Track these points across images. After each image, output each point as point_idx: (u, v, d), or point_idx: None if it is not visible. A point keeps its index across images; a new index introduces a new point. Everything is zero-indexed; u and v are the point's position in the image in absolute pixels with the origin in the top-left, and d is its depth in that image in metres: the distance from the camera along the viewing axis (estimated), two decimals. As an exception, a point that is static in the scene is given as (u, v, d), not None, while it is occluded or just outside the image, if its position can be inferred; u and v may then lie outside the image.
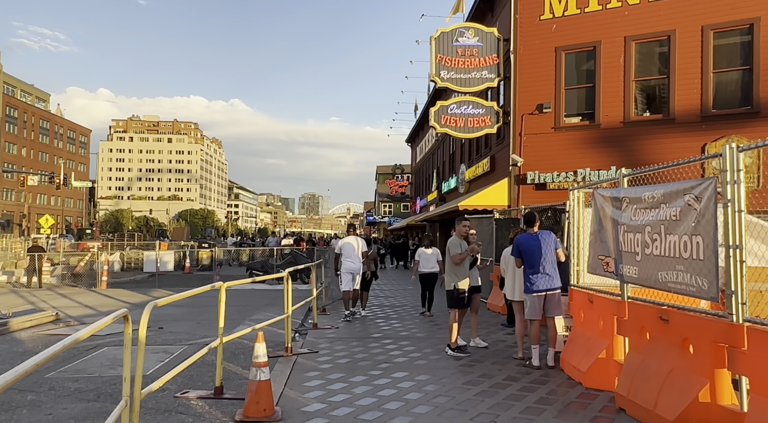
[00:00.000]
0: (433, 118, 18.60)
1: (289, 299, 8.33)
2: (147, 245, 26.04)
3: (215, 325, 11.55)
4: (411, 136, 48.25)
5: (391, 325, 11.09)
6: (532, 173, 17.42)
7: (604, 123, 16.66)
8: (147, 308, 4.16)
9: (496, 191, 18.41)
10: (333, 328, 10.66)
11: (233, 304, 14.04)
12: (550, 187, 17.19)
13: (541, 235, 7.52)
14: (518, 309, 8.01)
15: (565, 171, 17.00)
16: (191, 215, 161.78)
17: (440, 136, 33.28)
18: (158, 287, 18.96)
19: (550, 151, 17.38)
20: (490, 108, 18.57)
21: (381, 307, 13.83)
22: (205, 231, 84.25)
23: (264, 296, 16.38)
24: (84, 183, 59.94)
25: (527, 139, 17.69)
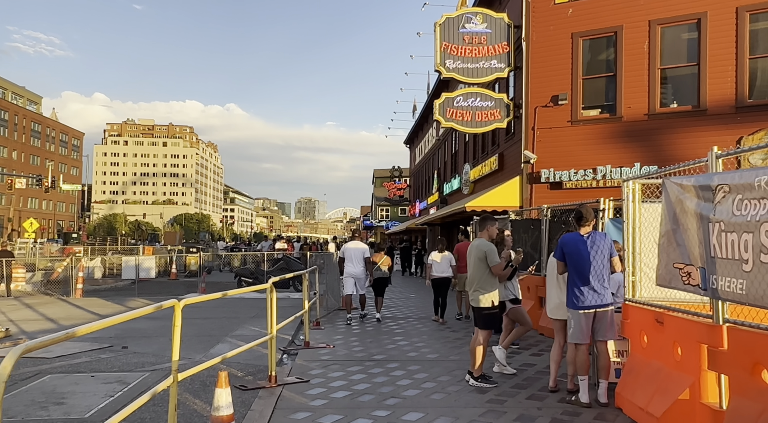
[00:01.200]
0: (438, 111, 17.09)
1: (274, 316, 6.77)
2: (130, 250, 24.45)
3: (194, 341, 10.09)
4: (409, 137, 46.77)
5: (395, 343, 9.53)
6: (547, 171, 15.92)
7: (627, 116, 15.17)
8: (9, 357, 2.55)
9: (507, 191, 16.89)
10: (328, 347, 9.09)
11: (217, 317, 12.47)
12: (566, 186, 15.68)
13: (594, 237, 5.98)
14: (558, 328, 6.47)
15: (583, 168, 15.50)
16: (186, 220, 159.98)
17: (441, 136, 31.79)
18: (138, 296, 17.38)
19: (566, 147, 15.88)
20: (500, 100, 17.07)
21: (383, 320, 12.27)
22: (198, 235, 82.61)
23: (253, 306, 14.81)
24: (73, 186, 58.22)
25: (541, 134, 16.19)
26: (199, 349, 8.86)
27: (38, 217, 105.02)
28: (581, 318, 5.84)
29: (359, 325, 11.65)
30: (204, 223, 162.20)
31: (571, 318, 5.93)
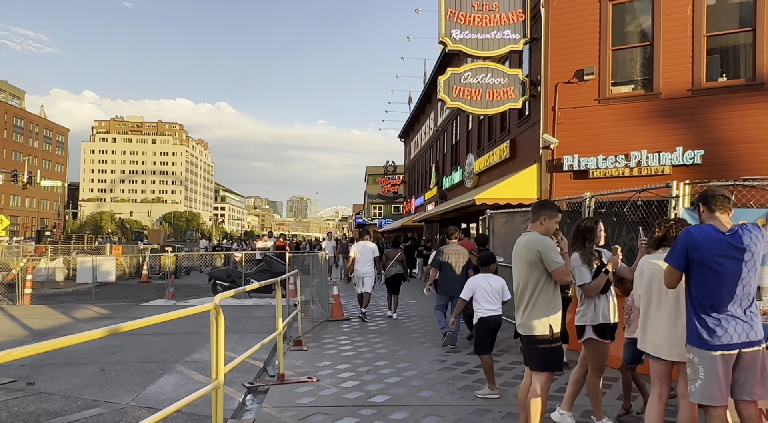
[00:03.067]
0: (443, 89, 14.78)
1: (220, 354, 4.42)
2: (97, 250, 22.09)
3: (132, 371, 6.97)
4: (404, 130, 44.46)
5: (400, 373, 7.22)
6: (570, 158, 13.68)
7: (666, 92, 12.94)
8: None
9: (522, 181, 14.63)
10: (310, 381, 6.76)
11: (176, 331, 10.12)
12: (593, 175, 13.45)
13: (744, 234, 3.61)
14: (662, 375, 4.13)
15: (613, 154, 13.26)
16: (175, 218, 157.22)
17: (440, 126, 29.51)
18: (95, 302, 14.98)
19: (592, 130, 13.64)
20: (514, 77, 14.78)
21: (380, 338, 9.95)
22: (185, 233, 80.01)
23: (229, 314, 12.39)
24: (53, 182, 55.55)
25: (563, 114, 13.93)
26: (134, 386, 6.53)
27: (21, 215, 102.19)
28: (718, 364, 3.55)
29: (353, 342, 9.35)
30: (194, 221, 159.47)
31: (698, 364, 3.63)
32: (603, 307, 4.92)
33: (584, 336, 4.94)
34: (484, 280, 6.63)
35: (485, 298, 6.45)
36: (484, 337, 6.37)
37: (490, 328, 6.42)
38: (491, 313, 6.43)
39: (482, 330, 6.39)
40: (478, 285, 6.55)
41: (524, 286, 4.53)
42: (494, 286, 6.58)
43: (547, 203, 4.77)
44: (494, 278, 6.69)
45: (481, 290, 6.50)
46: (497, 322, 6.48)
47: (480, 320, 6.44)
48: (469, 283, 6.63)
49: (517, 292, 4.61)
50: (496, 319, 6.46)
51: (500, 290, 6.59)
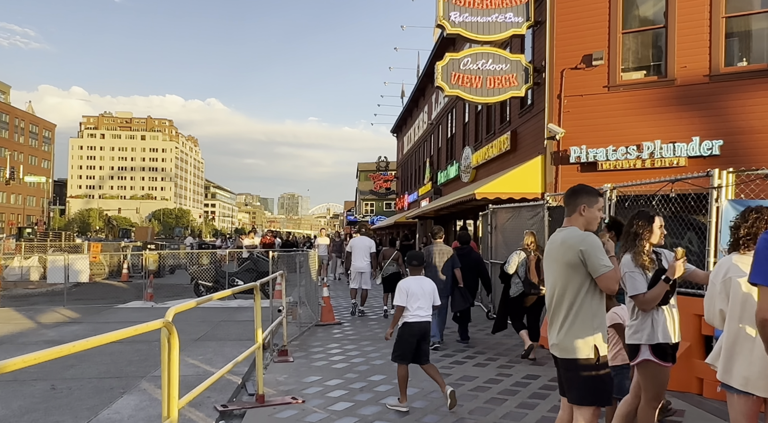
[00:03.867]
0: (441, 75, 13.82)
1: (173, 384, 3.46)
2: (75, 247, 21.02)
3: (89, 390, 5.90)
4: (397, 125, 43.46)
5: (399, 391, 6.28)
6: (577, 149, 12.77)
7: (681, 78, 12.05)
8: None
9: (525, 174, 13.70)
10: (294, 402, 5.80)
11: (148, 339, 9.12)
12: (602, 167, 12.55)
13: None
14: (750, 415, 3.19)
15: (624, 145, 12.36)
16: (165, 215, 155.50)
17: (434, 119, 28.57)
18: (68, 303, 13.95)
19: (601, 119, 12.74)
20: (517, 63, 13.85)
21: (375, 346, 9.00)
22: (173, 231, 78.65)
23: (207, 319, 11.52)
24: (37, 178, 54.17)
25: (569, 102, 13.02)
26: (84, 409, 5.54)
27: (6, 212, 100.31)
28: None
29: (345, 351, 8.39)
30: (183, 218, 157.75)
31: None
32: (663, 323, 3.94)
33: (639, 357, 3.97)
34: (416, 282, 5.94)
35: (415, 302, 5.80)
36: (407, 344, 5.72)
37: (417, 335, 5.75)
38: (419, 319, 5.77)
39: (406, 336, 5.75)
40: (409, 288, 5.86)
41: (560, 296, 3.57)
42: (425, 289, 5.92)
43: (583, 188, 3.79)
44: (425, 281, 6.03)
45: (412, 293, 5.84)
46: (425, 329, 5.84)
47: (405, 325, 5.80)
48: (401, 286, 5.92)
49: (551, 302, 3.65)
50: (424, 326, 5.81)
51: (431, 293, 5.94)
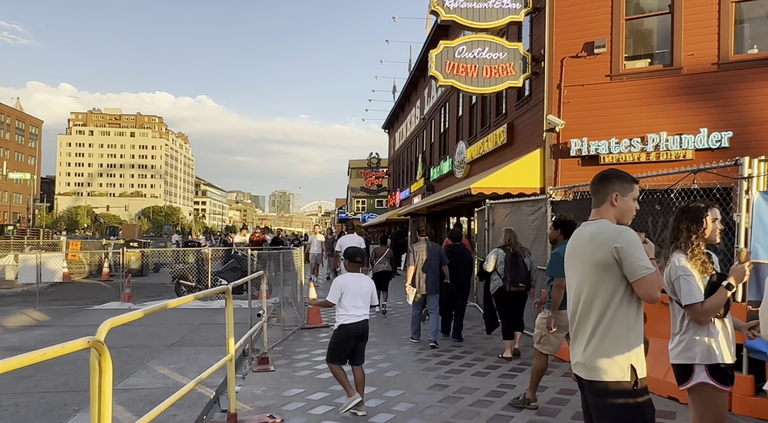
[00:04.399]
0: (435, 64, 13.16)
1: (105, 414, 2.75)
2: (53, 245, 20.20)
3: (39, 410, 5.07)
4: (389, 121, 42.76)
5: (390, 411, 5.59)
6: (578, 141, 12.15)
7: (688, 66, 11.44)
8: None
9: (523, 169, 13.07)
10: (270, 421, 5.10)
11: (119, 344, 8.39)
12: (604, 161, 11.92)
13: None
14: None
15: (628, 137, 11.75)
16: (154, 212, 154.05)
17: (427, 114, 27.91)
18: (40, 305, 13.18)
19: (604, 110, 12.11)
20: (514, 51, 13.19)
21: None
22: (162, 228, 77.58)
23: (189, 319, 10.81)
24: (21, 174, 53.04)
25: (570, 93, 12.39)
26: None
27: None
28: None
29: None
30: (173, 216, 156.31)
31: None
32: (720, 339, 3.27)
33: (692, 380, 3.28)
34: (354, 280, 5.54)
35: (352, 302, 5.45)
36: (343, 346, 5.43)
37: (355, 337, 5.46)
38: (357, 319, 5.45)
39: (343, 338, 5.44)
40: (346, 285, 5.48)
41: (588, 303, 2.89)
42: (364, 288, 5.55)
43: (615, 173, 3.11)
44: (364, 278, 5.66)
45: (348, 291, 5.46)
46: (363, 329, 5.53)
47: (342, 328, 5.46)
48: (337, 283, 5.53)
49: (575, 312, 2.97)
50: (362, 326, 5.50)
51: (369, 293, 5.59)
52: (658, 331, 6.04)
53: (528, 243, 9.44)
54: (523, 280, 7.58)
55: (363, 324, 5.46)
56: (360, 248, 5.98)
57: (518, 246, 7.79)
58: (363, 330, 5.47)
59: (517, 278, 7.58)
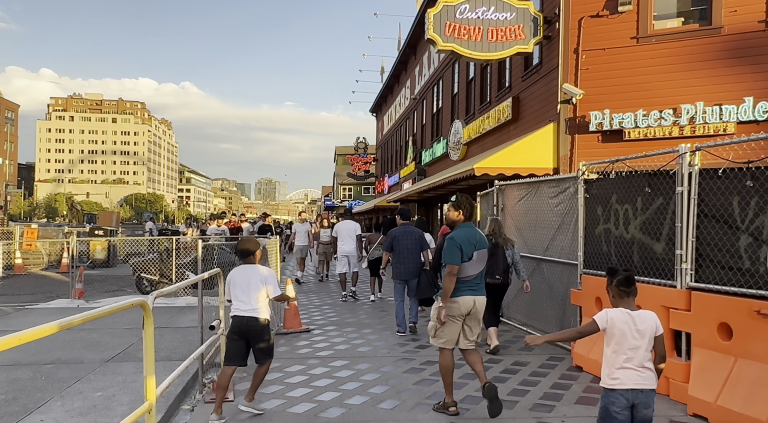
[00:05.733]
0: (432, 26, 11.43)
1: None
2: (8, 233, 18.32)
3: None
4: (377, 103, 40.91)
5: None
6: (598, 114, 10.54)
7: (729, 25, 9.84)
8: None
9: (533, 146, 11.44)
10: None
11: (45, 360, 6.65)
12: (629, 137, 10.34)
13: None
14: None
15: (657, 108, 10.15)
16: (137, 200, 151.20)
17: (418, 94, 26.16)
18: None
19: (629, 77, 10.51)
20: (524, 11, 11.50)
21: (353, 368, 6.69)
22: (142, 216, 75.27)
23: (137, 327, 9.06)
24: (-8, 160, 50.31)
25: (589, 58, 10.75)
26: None
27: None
28: None
29: (311, 381, 6.07)
30: (157, 203, 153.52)
31: None
32: None
33: None
34: (240, 273, 5.10)
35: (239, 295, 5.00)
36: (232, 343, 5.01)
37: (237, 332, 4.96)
38: (241, 313, 4.95)
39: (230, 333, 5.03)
40: (232, 279, 5.09)
41: None
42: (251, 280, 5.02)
43: None
44: (253, 271, 5.10)
45: (234, 284, 5.05)
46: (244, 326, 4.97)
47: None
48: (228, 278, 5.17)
49: None
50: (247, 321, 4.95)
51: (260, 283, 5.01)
52: (753, 351, 4.45)
53: (550, 232, 7.83)
54: (500, 272, 7.21)
55: (249, 320, 4.90)
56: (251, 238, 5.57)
57: (502, 237, 7.42)
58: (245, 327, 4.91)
59: (494, 270, 7.15)
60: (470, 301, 4.86)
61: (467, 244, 4.84)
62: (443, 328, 4.89)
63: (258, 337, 4.93)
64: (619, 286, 3.33)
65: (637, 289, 3.41)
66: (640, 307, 3.42)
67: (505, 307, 9.30)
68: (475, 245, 4.88)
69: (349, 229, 12.36)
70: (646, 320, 3.28)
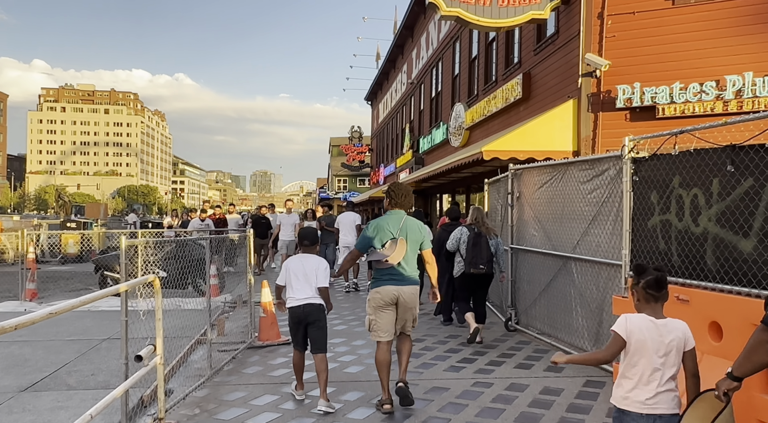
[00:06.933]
0: (435, -12, 9.95)
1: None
2: (-31, 226, 16.87)
3: None
4: (372, 91, 39.36)
5: None
6: (627, 88, 9.12)
7: (783, -18, 8.40)
8: None
9: (549, 126, 10.02)
10: None
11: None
12: (664, 114, 8.93)
13: None
14: None
15: (697, 80, 8.74)
16: (130, 192, 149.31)
17: (415, 78, 24.67)
18: None
19: (663, 45, 9.08)
20: (540, -28, 10.03)
21: (341, 396, 5.27)
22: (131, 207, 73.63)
23: (94, 330, 7.69)
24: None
25: (615, 24, 9.31)
26: None
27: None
28: None
29: (283, 414, 4.65)
30: (150, 195, 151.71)
31: None
32: None
33: None
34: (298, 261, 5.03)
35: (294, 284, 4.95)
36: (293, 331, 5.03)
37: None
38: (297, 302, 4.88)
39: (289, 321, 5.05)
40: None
41: None
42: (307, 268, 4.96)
43: None
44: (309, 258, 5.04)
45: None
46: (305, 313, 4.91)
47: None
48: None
49: None
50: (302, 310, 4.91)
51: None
52: None
53: (581, 224, 6.42)
54: (484, 262, 7.01)
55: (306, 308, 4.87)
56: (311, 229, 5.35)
57: (485, 226, 7.24)
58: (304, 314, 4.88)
59: (478, 259, 7.01)
60: (392, 290, 4.68)
61: (383, 231, 4.73)
62: (375, 320, 4.75)
63: (315, 323, 4.90)
64: (647, 288, 2.86)
65: (668, 293, 2.90)
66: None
67: (522, 314, 7.91)
68: (396, 233, 4.73)
69: (350, 221, 12.27)
70: (673, 331, 2.80)
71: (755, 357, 2.47)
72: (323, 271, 4.93)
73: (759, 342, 2.44)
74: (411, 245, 4.76)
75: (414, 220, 4.92)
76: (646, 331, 2.78)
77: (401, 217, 4.83)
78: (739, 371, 2.53)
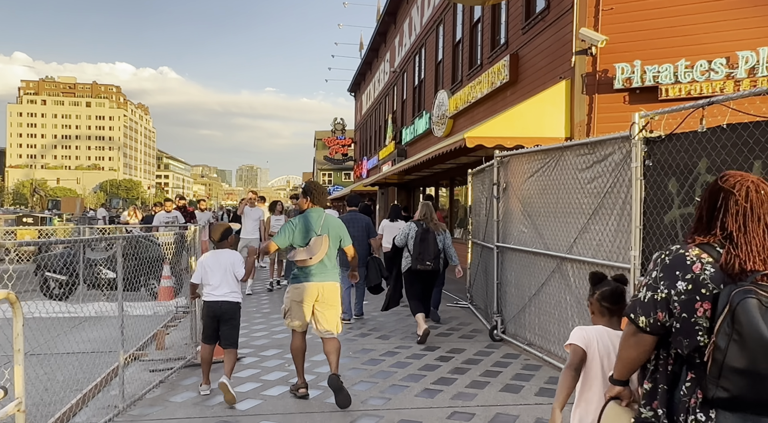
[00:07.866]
0: (412, -45, 8.88)
1: None
2: None
3: None
4: (355, 81, 38.23)
5: None
6: (626, 67, 8.18)
7: (803, -54, 7.46)
8: None
9: (539, 110, 9.05)
10: None
11: None
12: (667, 95, 7.99)
13: None
14: None
15: (704, 57, 7.79)
16: (113, 186, 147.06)
17: (398, 66, 23.62)
18: None
19: (666, 18, 8.13)
20: (529, -62, 9.03)
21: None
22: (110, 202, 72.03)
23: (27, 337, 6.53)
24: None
25: (613, -5, 8.34)
26: None
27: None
28: None
29: None
30: (134, 190, 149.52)
31: None
32: None
33: None
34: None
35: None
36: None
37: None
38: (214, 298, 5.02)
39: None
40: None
41: None
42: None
43: None
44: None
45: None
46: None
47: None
48: None
49: None
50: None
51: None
52: None
53: (579, 219, 5.44)
54: (431, 258, 7.02)
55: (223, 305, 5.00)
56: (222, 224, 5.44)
57: (433, 222, 7.23)
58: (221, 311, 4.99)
59: (425, 255, 7.00)
60: (314, 287, 4.78)
61: (304, 229, 4.80)
62: (291, 311, 4.86)
63: (227, 320, 5.03)
64: (602, 300, 2.62)
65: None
66: None
67: (509, 322, 6.94)
68: (318, 231, 4.79)
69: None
70: None
71: (623, 352, 2.11)
72: (239, 263, 5.08)
73: (624, 336, 2.11)
74: (332, 241, 4.83)
75: (333, 217, 5.00)
76: (598, 341, 2.55)
77: (321, 214, 4.90)
78: (616, 373, 2.20)
